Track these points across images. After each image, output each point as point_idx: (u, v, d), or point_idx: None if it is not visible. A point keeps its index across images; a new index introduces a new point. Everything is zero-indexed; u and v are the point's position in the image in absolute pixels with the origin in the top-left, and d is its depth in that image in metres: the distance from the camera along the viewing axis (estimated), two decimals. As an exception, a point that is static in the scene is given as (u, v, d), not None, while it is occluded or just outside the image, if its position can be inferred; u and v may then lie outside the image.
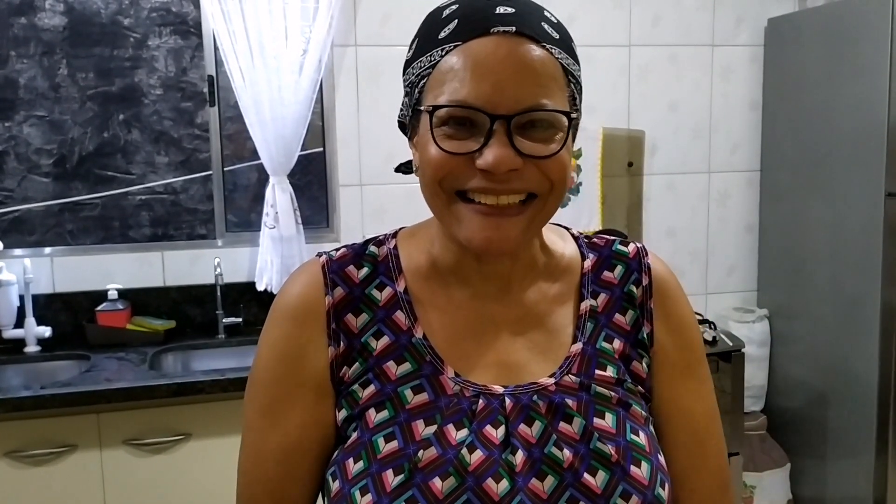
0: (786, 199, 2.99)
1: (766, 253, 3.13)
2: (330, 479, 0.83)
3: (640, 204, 2.98)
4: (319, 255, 0.90)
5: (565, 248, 0.93)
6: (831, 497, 2.80)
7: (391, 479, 0.77)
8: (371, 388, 0.83)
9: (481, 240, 0.78)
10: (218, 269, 2.60)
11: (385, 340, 0.85)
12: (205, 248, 2.78)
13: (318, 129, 2.99)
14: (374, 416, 0.82)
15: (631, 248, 0.94)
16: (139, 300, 2.65)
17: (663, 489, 0.82)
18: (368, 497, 0.77)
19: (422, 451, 0.78)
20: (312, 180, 3.15)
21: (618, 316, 0.90)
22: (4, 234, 3.19)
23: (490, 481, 0.77)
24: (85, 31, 3.22)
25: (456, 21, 0.78)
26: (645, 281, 0.92)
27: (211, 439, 2.19)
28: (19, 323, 2.52)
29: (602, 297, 0.91)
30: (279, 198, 2.61)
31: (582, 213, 2.86)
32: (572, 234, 0.96)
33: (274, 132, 2.58)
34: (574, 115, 0.80)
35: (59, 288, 2.62)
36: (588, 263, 0.92)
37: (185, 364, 2.57)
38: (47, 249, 2.72)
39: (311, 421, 0.84)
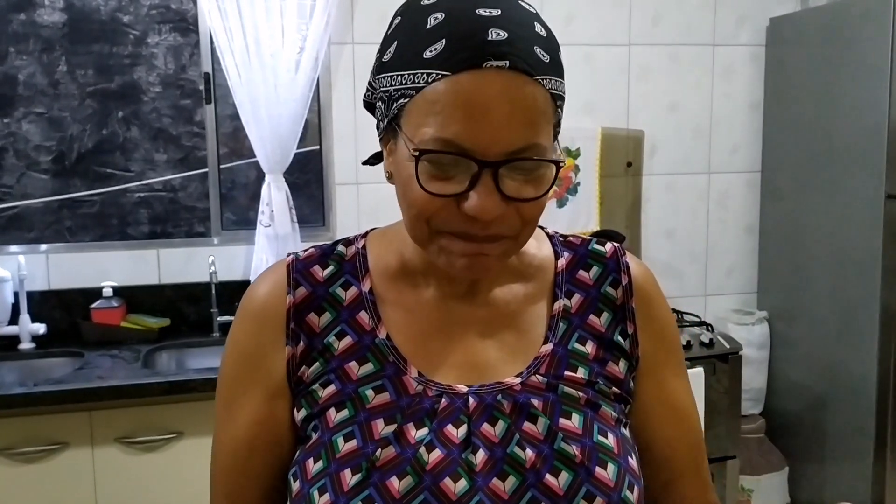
0: (786, 201, 2.96)
1: (766, 255, 3.11)
2: (291, 479, 0.83)
3: (639, 204, 2.96)
4: (289, 255, 0.90)
5: (539, 247, 0.92)
6: (829, 501, 2.77)
7: (349, 478, 0.77)
8: (331, 388, 0.83)
9: (463, 266, 0.78)
10: (212, 268, 2.60)
11: (348, 341, 0.85)
12: (200, 245, 2.78)
13: (316, 126, 2.99)
14: (333, 416, 0.82)
15: (608, 247, 0.93)
16: (134, 298, 2.65)
17: (631, 492, 0.81)
18: (326, 497, 0.77)
19: (380, 450, 0.78)
20: (311, 179, 3.14)
21: (592, 317, 0.89)
22: (3, 231, 3.19)
23: (448, 481, 0.77)
24: (84, 28, 3.22)
25: (444, 41, 0.72)
26: (624, 281, 0.91)
27: (203, 438, 2.18)
28: (14, 320, 2.52)
29: (576, 297, 0.90)
30: (275, 196, 2.60)
31: (580, 213, 2.85)
32: (546, 233, 0.95)
33: (270, 130, 2.57)
34: (562, 165, 0.78)
35: (54, 285, 2.62)
36: (562, 262, 0.91)
37: (179, 362, 2.56)
38: (43, 246, 2.72)
39: (261, 419, 0.85)
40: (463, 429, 0.79)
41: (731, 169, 3.08)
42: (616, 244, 0.94)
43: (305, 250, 0.91)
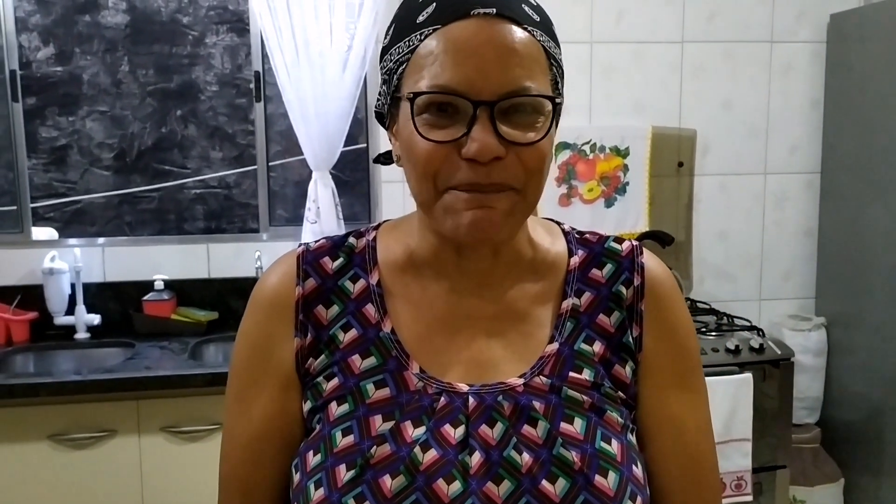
0: (847, 203, 2.85)
1: (825, 259, 3.00)
2: (293, 470, 0.83)
3: (691, 205, 2.89)
4: (299, 245, 0.90)
5: (553, 243, 0.90)
6: (887, 516, 2.67)
7: (343, 473, 0.76)
8: (335, 381, 0.82)
9: (469, 223, 0.76)
10: (258, 263, 2.64)
11: (353, 333, 0.84)
12: (249, 241, 2.82)
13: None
14: (335, 410, 0.81)
15: (625, 245, 0.90)
16: (184, 291, 2.72)
17: (633, 502, 0.78)
18: (321, 491, 0.77)
19: (376, 447, 0.77)
20: (362, 177, 3.17)
21: (602, 317, 0.86)
22: (66, 225, 3.32)
23: (441, 482, 0.75)
24: (146, 29, 3.32)
25: (434, 4, 0.76)
26: (637, 281, 0.87)
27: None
28: (71, 310, 2.60)
29: (587, 295, 0.87)
30: (321, 193, 2.63)
31: (628, 213, 2.80)
32: (562, 229, 0.93)
33: (317, 128, 2.60)
34: (558, 100, 0.78)
35: (109, 277, 2.71)
36: (575, 260, 0.88)
37: (226, 354, 2.61)
38: (100, 240, 2.81)
39: (274, 411, 0.85)
40: (461, 429, 0.78)
41: (789, 170, 2.98)
42: (635, 242, 0.91)
43: (317, 241, 0.90)
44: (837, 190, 2.91)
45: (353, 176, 3.24)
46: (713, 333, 2.55)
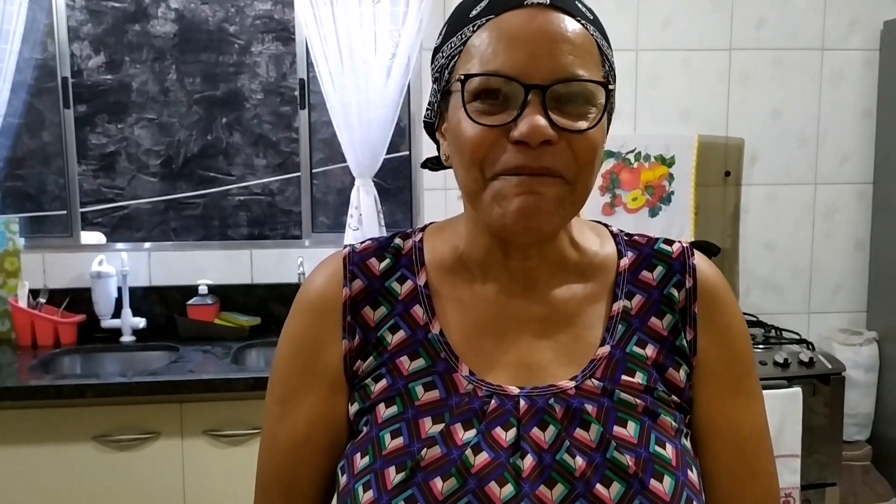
0: (900, 214, 2.78)
1: (877, 271, 2.92)
2: (339, 472, 0.82)
3: (738, 215, 2.84)
4: (345, 246, 0.90)
5: (602, 245, 0.88)
6: (943, 539, 2.57)
7: (393, 476, 0.76)
8: (383, 383, 0.81)
9: (517, 210, 0.75)
10: (301, 269, 2.65)
11: (401, 335, 0.83)
12: (292, 247, 2.84)
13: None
14: (383, 412, 0.80)
15: (675, 247, 0.88)
16: (228, 296, 2.74)
17: None
18: (370, 493, 0.76)
19: (426, 449, 0.76)
20: (404, 184, 3.18)
21: (654, 320, 0.84)
22: (114, 230, 3.38)
23: (493, 485, 0.74)
24: (193, 38, 3.38)
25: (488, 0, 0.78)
26: (689, 283, 0.85)
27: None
28: (118, 313, 2.64)
29: (637, 298, 0.85)
30: (363, 200, 2.64)
31: (673, 223, 2.76)
32: (611, 231, 0.91)
33: (360, 135, 2.61)
34: (611, 87, 0.78)
35: (155, 281, 2.74)
36: (625, 262, 0.87)
37: (268, 359, 2.62)
38: (146, 244, 2.85)
39: (320, 414, 0.84)
40: (512, 432, 0.77)
41: (840, 180, 2.91)
42: (685, 244, 0.89)
43: (362, 242, 0.90)
44: (890, 201, 2.83)
45: (395, 183, 3.25)
46: (761, 346, 2.50)
